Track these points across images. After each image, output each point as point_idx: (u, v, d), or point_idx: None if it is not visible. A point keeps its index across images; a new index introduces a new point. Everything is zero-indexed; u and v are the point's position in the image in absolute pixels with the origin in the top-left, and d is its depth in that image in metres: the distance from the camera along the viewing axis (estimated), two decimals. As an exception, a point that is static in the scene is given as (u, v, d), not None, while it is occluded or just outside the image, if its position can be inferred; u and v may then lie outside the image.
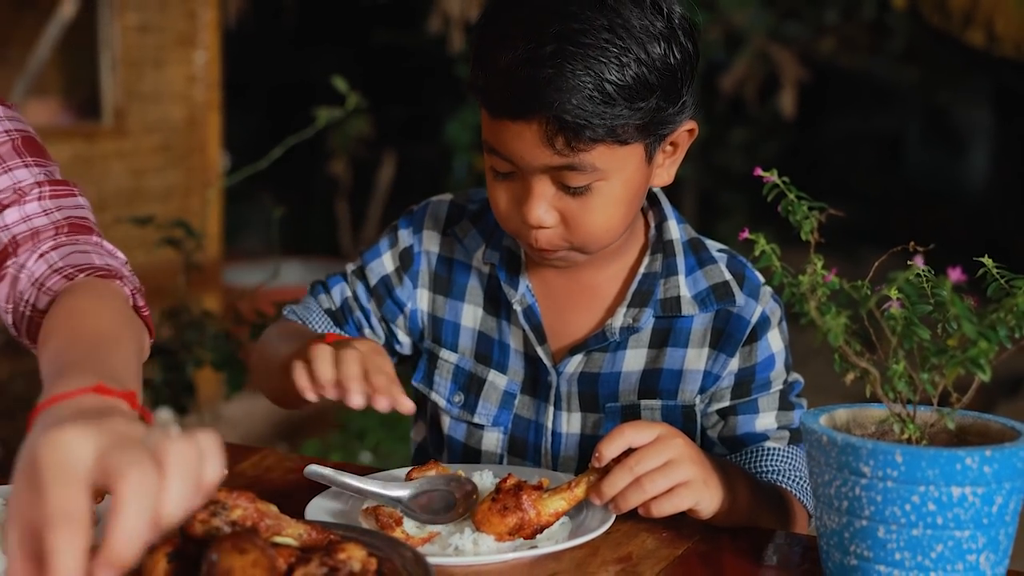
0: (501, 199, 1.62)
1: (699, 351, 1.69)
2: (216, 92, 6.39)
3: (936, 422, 1.30)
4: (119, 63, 5.88)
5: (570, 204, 1.56)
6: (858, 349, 1.24)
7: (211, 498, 1.21)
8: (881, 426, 1.32)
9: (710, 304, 1.69)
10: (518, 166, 1.56)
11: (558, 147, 1.50)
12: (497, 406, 1.76)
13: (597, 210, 1.57)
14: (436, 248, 1.83)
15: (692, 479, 1.44)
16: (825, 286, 1.22)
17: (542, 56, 1.47)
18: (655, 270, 1.72)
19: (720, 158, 9.35)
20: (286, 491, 1.65)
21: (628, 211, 1.61)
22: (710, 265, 1.72)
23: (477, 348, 1.79)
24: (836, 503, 1.25)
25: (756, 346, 1.69)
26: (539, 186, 1.56)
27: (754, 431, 1.69)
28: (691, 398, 1.70)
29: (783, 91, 8.48)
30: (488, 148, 1.59)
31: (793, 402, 1.72)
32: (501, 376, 1.76)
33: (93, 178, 5.70)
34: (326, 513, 1.48)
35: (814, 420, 1.29)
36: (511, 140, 1.53)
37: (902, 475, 1.19)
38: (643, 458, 1.43)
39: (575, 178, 1.53)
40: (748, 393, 1.70)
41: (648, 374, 1.70)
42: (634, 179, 1.58)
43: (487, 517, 1.40)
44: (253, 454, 1.82)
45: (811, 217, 1.26)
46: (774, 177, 1.29)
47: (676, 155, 1.66)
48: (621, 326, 1.69)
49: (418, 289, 1.82)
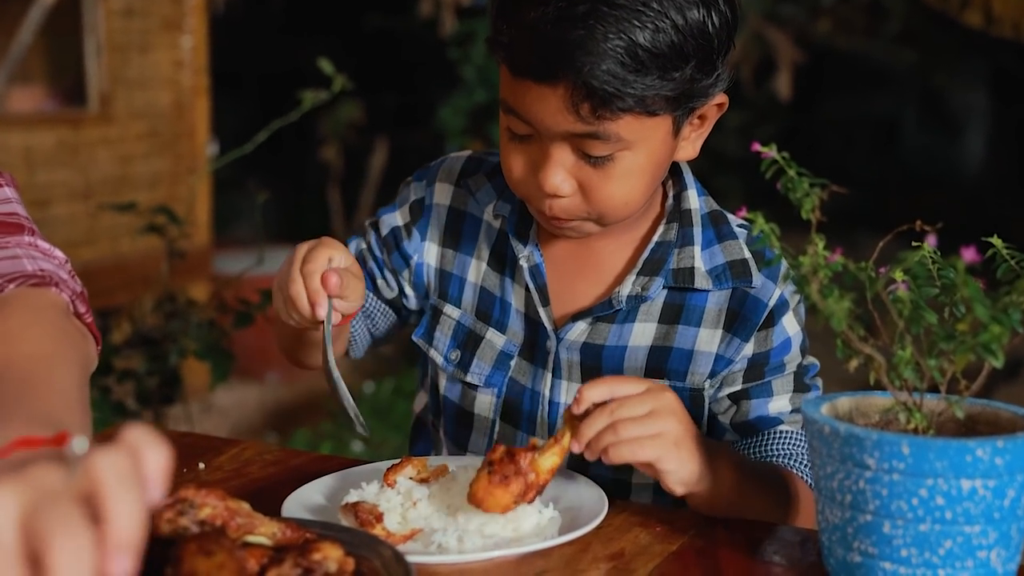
0: (516, 163, 1.55)
1: (712, 332, 1.62)
2: (203, 77, 6.31)
3: (944, 411, 1.23)
4: (104, 48, 5.81)
5: (589, 173, 1.50)
6: (862, 334, 1.18)
7: (178, 496, 1.15)
8: (886, 415, 1.26)
9: (725, 281, 1.62)
10: (537, 130, 1.49)
11: (583, 114, 1.42)
12: (491, 366, 1.70)
13: (617, 181, 1.50)
14: (447, 200, 1.76)
15: (665, 433, 1.37)
16: (827, 267, 1.15)
17: (574, 15, 1.39)
18: (670, 239, 1.64)
19: (715, 141, 9.23)
20: (265, 485, 1.59)
21: (650, 184, 1.55)
22: (730, 240, 1.65)
23: (478, 304, 1.73)
24: (839, 497, 1.18)
25: (772, 331, 1.62)
26: (558, 152, 1.49)
27: (767, 414, 1.63)
28: (700, 381, 1.63)
29: (779, 73, 8.42)
30: (506, 108, 1.51)
31: (808, 384, 1.65)
32: (499, 335, 1.70)
33: (79, 165, 5.63)
34: (304, 509, 1.41)
35: (815, 409, 1.23)
36: (532, 103, 1.46)
37: (909, 467, 1.12)
38: (626, 403, 1.37)
39: (598, 147, 1.46)
40: (761, 376, 1.63)
41: (656, 351, 1.63)
42: (659, 151, 1.52)
43: (489, 493, 1.32)
44: (231, 447, 1.75)
45: (812, 195, 1.19)
46: (773, 152, 1.22)
47: (703, 128, 1.59)
48: (629, 294, 1.62)
49: (426, 242, 1.77)
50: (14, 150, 5.31)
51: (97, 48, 5.78)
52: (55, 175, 5.52)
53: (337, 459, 1.68)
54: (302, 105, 3.20)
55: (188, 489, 1.16)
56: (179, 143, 6.21)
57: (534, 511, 1.37)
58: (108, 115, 5.85)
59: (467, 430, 1.75)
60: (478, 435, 1.74)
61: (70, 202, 5.54)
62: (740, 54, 8.39)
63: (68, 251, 4.72)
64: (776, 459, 1.61)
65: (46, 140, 5.51)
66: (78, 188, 5.62)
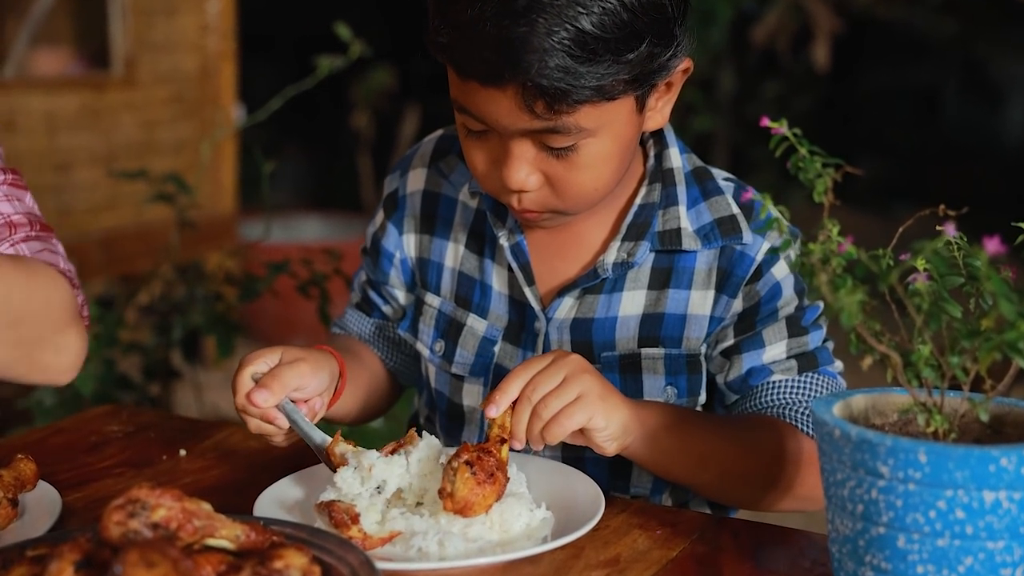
0: (477, 159, 1.46)
1: (704, 293, 1.53)
2: (230, 42, 6.20)
3: (967, 411, 1.13)
4: (129, 11, 5.71)
5: (554, 165, 1.40)
6: (877, 329, 1.07)
7: (129, 496, 1.06)
8: (904, 415, 1.15)
9: (714, 239, 1.53)
10: (493, 129, 1.39)
11: (538, 112, 1.33)
12: (474, 354, 1.62)
13: (584, 170, 1.41)
14: (420, 185, 1.68)
15: (585, 393, 1.31)
16: (840, 256, 1.05)
17: (514, 10, 1.28)
18: (653, 200, 1.55)
19: (752, 112, 9.13)
20: (247, 475, 1.51)
21: (619, 166, 1.45)
22: (716, 196, 1.55)
23: (457, 290, 1.64)
24: (850, 506, 1.08)
25: (760, 282, 1.53)
26: (518, 148, 1.39)
27: (759, 365, 1.53)
28: (696, 346, 1.54)
29: (816, 43, 8.25)
30: (457, 106, 1.41)
31: (806, 327, 1.54)
32: (480, 320, 1.61)
33: (102, 130, 5.54)
34: (279, 505, 1.32)
35: (827, 409, 1.12)
36: (483, 104, 1.36)
37: (926, 477, 1.02)
38: (538, 384, 1.31)
39: (558, 140, 1.37)
40: (752, 327, 1.54)
41: (648, 319, 1.54)
42: (624, 132, 1.42)
43: (477, 494, 1.23)
44: (217, 431, 1.67)
45: (824, 175, 1.08)
46: (783, 128, 1.11)
47: (670, 94, 1.48)
48: (615, 261, 1.53)
49: (404, 236, 1.69)
50: (36, 113, 5.24)
51: (122, 11, 5.69)
52: (77, 139, 5.44)
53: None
54: (317, 71, 3.12)
55: (141, 488, 1.07)
56: (204, 108, 6.11)
57: (524, 510, 1.28)
58: (132, 79, 5.76)
59: (459, 424, 1.66)
60: (470, 428, 1.65)
61: (92, 167, 5.47)
62: (777, 23, 8.24)
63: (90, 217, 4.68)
64: (769, 409, 1.52)
65: (69, 104, 5.43)
66: (101, 153, 5.54)
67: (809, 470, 1.46)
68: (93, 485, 1.47)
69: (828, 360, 1.55)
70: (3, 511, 1.29)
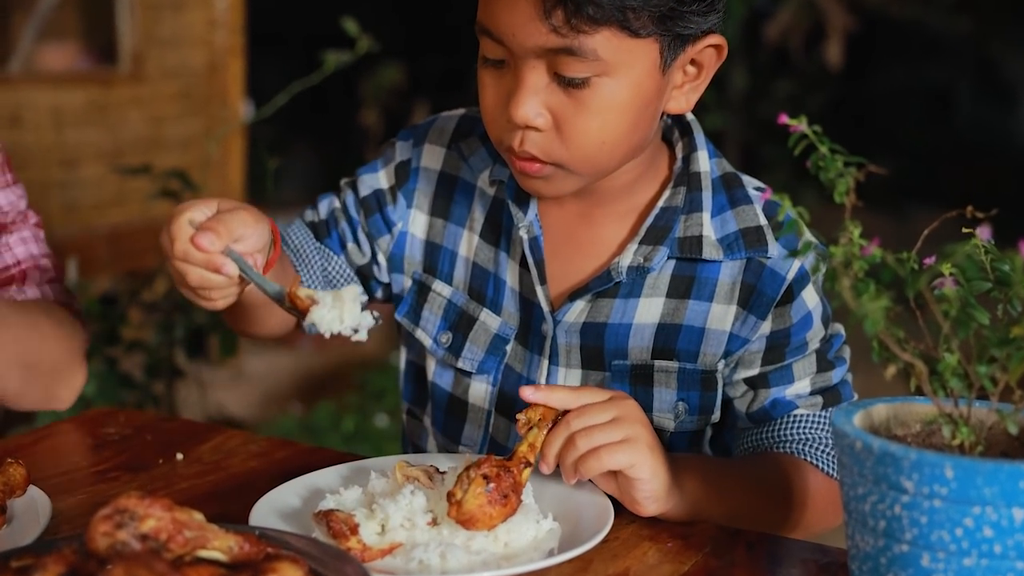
0: (488, 92, 1.39)
1: (726, 308, 1.45)
2: (239, 37, 6.16)
3: (995, 423, 1.07)
4: (137, 6, 5.67)
5: (564, 103, 1.34)
6: (901, 336, 1.02)
7: (117, 506, 1.02)
8: (928, 426, 1.10)
9: (738, 251, 1.45)
10: (509, 47, 1.33)
11: (556, 23, 1.27)
12: (484, 350, 1.54)
13: (594, 113, 1.34)
14: (438, 164, 1.59)
15: (634, 438, 1.24)
16: (863, 260, 1.00)
17: None
18: (676, 204, 1.47)
19: (764, 110, 9.07)
20: (244, 481, 1.47)
21: (631, 127, 1.37)
22: (743, 205, 1.47)
23: (471, 282, 1.56)
24: (871, 522, 1.03)
25: (791, 306, 1.45)
26: (531, 75, 1.33)
27: (783, 398, 1.47)
28: (713, 362, 1.47)
29: (830, 41, 8.20)
30: (479, 28, 1.36)
31: (832, 360, 1.49)
32: (494, 317, 1.54)
33: (109, 125, 5.51)
34: (275, 514, 1.27)
35: (847, 420, 1.07)
36: (503, 12, 1.31)
37: (952, 493, 0.97)
38: (584, 412, 1.24)
39: (573, 66, 1.30)
40: (781, 358, 1.46)
41: (664, 329, 1.47)
42: (643, 86, 1.35)
43: (485, 512, 1.18)
44: (215, 435, 1.62)
45: (846, 175, 1.03)
46: (803, 126, 1.06)
47: (699, 80, 1.42)
48: (630, 265, 1.45)
49: (412, 210, 1.60)
50: (43, 109, 5.21)
51: (130, 5, 5.65)
52: (84, 135, 5.41)
53: (325, 452, 1.55)
54: (323, 67, 3.07)
55: (130, 498, 1.03)
56: (212, 104, 6.08)
57: (531, 522, 1.23)
58: (140, 75, 5.72)
59: (459, 421, 1.59)
60: (472, 427, 1.58)
61: (99, 163, 5.44)
62: (790, 21, 8.19)
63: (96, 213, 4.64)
64: (790, 444, 1.47)
65: (76, 99, 5.40)
66: (107, 149, 5.50)
67: (828, 510, 1.44)
68: (86, 490, 1.43)
69: (849, 395, 1.51)
70: (-8, 518, 1.25)
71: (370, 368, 4.88)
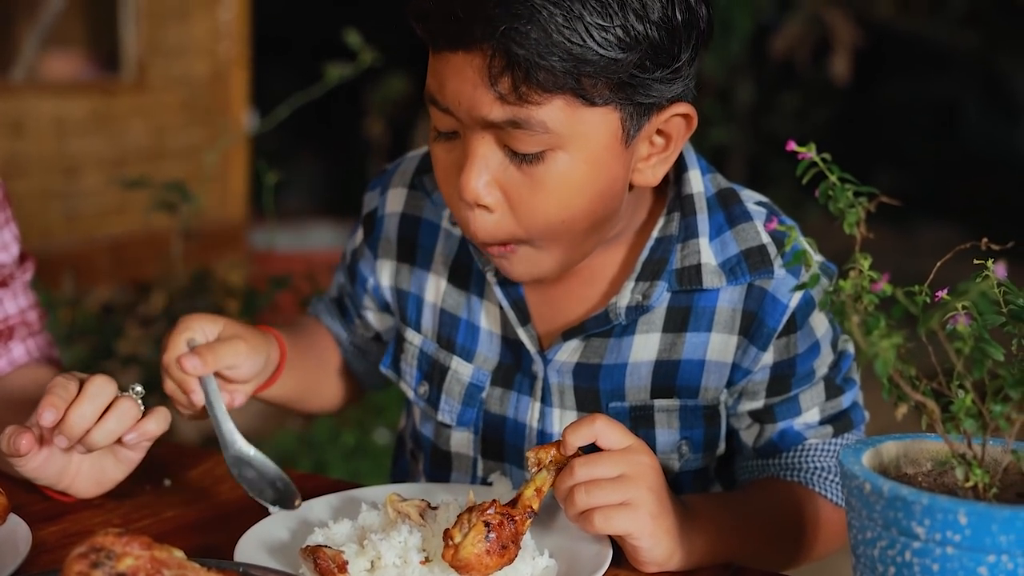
0: (440, 166, 1.32)
1: (726, 339, 1.37)
2: (243, 47, 6.16)
3: (1010, 464, 1.03)
4: (142, 15, 5.66)
5: (517, 181, 1.25)
6: (913, 374, 0.98)
7: (93, 544, 0.97)
8: (941, 466, 1.06)
9: (742, 275, 1.36)
10: (456, 117, 1.25)
11: (502, 91, 1.19)
12: (460, 402, 1.48)
13: (550, 191, 1.25)
14: (400, 207, 1.53)
15: (637, 503, 1.17)
16: (873, 295, 0.96)
17: None
18: (670, 233, 1.38)
19: (770, 124, 9.05)
20: (232, 510, 1.42)
21: (593, 203, 1.28)
22: (743, 223, 1.39)
23: (439, 329, 1.50)
24: (880, 568, 0.99)
25: (796, 336, 1.36)
26: (480, 147, 1.24)
27: (792, 429, 1.40)
28: (715, 396, 1.39)
29: (836, 55, 8.17)
30: (428, 98, 1.28)
31: (841, 384, 1.41)
32: (465, 365, 1.47)
33: (112, 135, 5.50)
34: (263, 548, 1.23)
35: (855, 460, 1.03)
36: (450, 78, 1.23)
37: (966, 540, 0.93)
38: (589, 463, 1.18)
39: (522, 140, 1.22)
40: (787, 389, 1.39)
41: (662, 367, 1.39)
42: (603, 160, 1.26)
43: (482, 561, 1.13)
44: (205, 460, 1.58)
45: (857, 206, 0.99)
46: (812, 153, 1.02)
47: (668, 151, 1.32)
48: (628, 305, 1.37)
49: (378, 260, 1.56)
50: (46, 117, 5.19)
51: (134, 14, 5.64)
52: (87, 144, 5.40)
53: (318, 479, 1.51)
54: (326, 79, 3.04)
55: (107, 535, 0.98)
56: (215, 114, 6.06)
57: (526, 558, 1.19)
58: (143, 84, 5.71)
59: (445, 469, 1.54)
60: (459, 474, 1.53)
61: (101, 172, 5.42)
62: (797, 34, 8.16)
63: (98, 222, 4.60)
64: (799, 473, 1.41)
65: (79, 108, 5.39)
66: (110, 158, 5.49)
67: (836, 540, 1.39)
68: (69, 518, 1.39)
69: (861, 418, 1.44)
70: (-29, 547, 1.21)
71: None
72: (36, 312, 1.68)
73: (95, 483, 1.40)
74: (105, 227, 5.45)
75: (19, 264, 1.67)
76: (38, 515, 1.37)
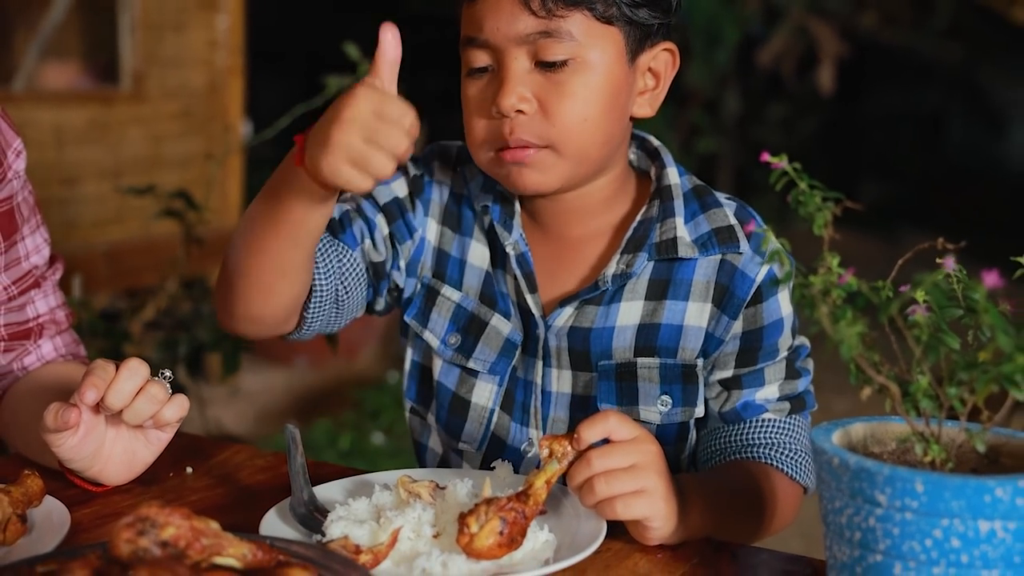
0: (473, 101, 1.56)
1: (701, 306, 1.58)
2: (239, 57, 6.24)
3: (964, 442, 1.14)
4: (139, 26, 5.75)
5: (545, 87, 1.51)
6: (876, 360, 1.09)
7: (138, 514, 1.08)
8: (903, 444, 1.17)
9: (712, 247, 1.58)
10: (494, 45, 1.51)
11: (534, 8, 1.47)
12: (497, 353, 1.65)
13: (573, 92, 1.50)
14: (448, 182, 1.72)
15: (651, 489, 1.30)
16: (840, 288, 1.07)
17: None
18: (651, 215, 1.61)
19: (756, 134, 9.17)
20: (253, 493, 1.53)
21: (607, 110, 1.53)
22: (714, 209, 1.62)
23: (483, 289, 1.68)
24: (848, 533, 1.10)
25: (761, 308, 1.57)
26: (515, 65, 1.51)
27: (754, 401, 1.59)
28: (692, 357, 1.59)
29: (822, 66, 8.30)
30: (465, 41, 1.55)
31: (799, 369, 1.61)
32: (505, 322, 1.66)
33: (109, 144, 5.58)
34: (285, 524, 1.34)
35: (826, 438, 1.14)
36: (487, 14, 1.50)
37: (923, 506, 1.04)
38: (604, 454, 1.31)
39: (552, 47, 1.49)
40: (754, 361, 1.58)
41: (645, 329, 1.59)
42: (614, 73, 1.53)
43: (490, 551, 1.24)
44: (223, 450, 1.69)
45: (824, 209, 1.10)
46: (783, 163, 1.13)
47: (659, 88, 1.61)
48: (614, 273, 1.58)
49: (428, 218, 1.71)
50: (44, 127, 5.27)
51: (131, 25, 5.73)
52: (85, 153, 5.48)
53: (331, 467, 1.61)
54: (326, 91, 3.13)
55: (151, 507, 1.09)
56: (212, 124, 6.15)
57: (529, 533, 1.29)
58: (140, 94, 5.80)
59: (461, 419, 1.69)
60: (473, 425, 1.68)
61: (100, 181, 5.50)
62: (783, 46, 8.27)
63: (96, 231, 4.67)
64: (757, 448, 1.57)
65: (77, 117, 5.47)
66: (108, 167, 5.57)
67: (790, 512, 1.56)
68: (100, 501, 1.49)
69: (812, 404, 1.63)
70: (13, 527, 1.31)
71: (366, 387, 4.93)
72: (64, 311, 1.77)
73: (126, 467, 1.50)
74: (104, 235, 5.54)
75: (49, 265, 1.76)
76: (71, 499, 1.45)
